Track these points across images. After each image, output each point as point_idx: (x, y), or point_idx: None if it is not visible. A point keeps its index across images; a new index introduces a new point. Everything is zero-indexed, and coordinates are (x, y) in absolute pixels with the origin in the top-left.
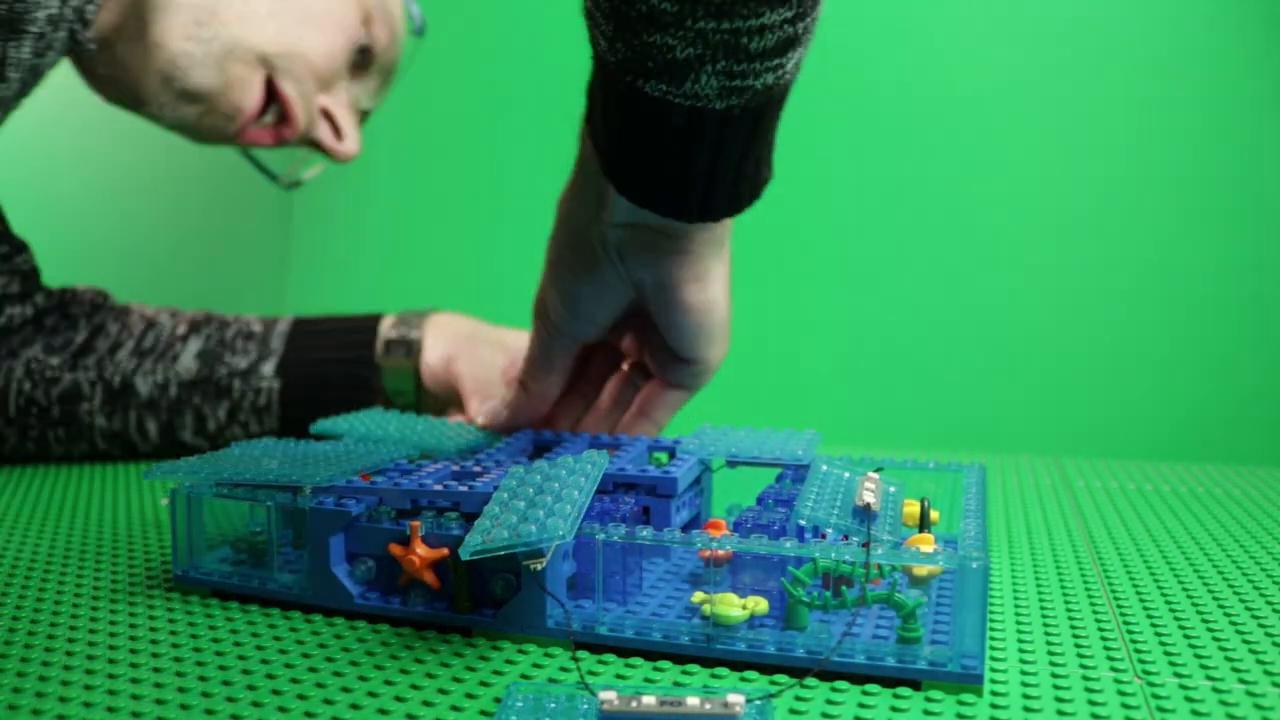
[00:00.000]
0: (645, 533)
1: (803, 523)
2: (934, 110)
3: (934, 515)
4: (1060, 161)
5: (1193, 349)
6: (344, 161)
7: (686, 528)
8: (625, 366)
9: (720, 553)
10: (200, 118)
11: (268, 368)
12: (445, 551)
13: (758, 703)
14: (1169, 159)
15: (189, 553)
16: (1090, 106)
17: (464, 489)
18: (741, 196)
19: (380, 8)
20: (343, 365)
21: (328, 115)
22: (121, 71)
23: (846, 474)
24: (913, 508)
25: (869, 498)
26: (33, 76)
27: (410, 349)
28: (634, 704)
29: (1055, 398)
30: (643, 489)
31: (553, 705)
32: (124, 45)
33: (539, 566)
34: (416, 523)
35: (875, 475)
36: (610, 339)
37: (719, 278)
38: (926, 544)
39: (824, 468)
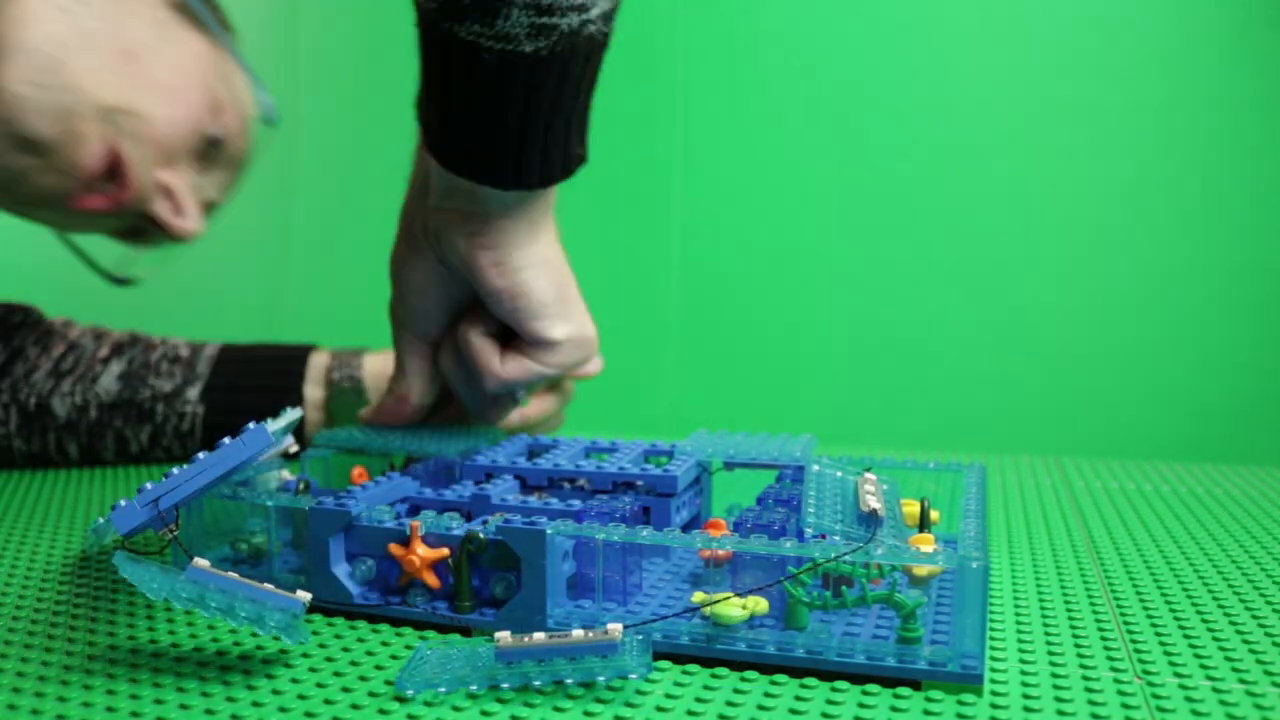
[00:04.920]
0: (645, 533)
1: (809, 530)
2: (934, 110)
3: (934, 515)
4: (1060, 162)
5: (1193, 349)
6: (184, 239)
7: (686, 528)
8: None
9: (720, 553)
10: (36, 174)
11: (193, 392)
12: (445, 551)
13: (639, 636)
14: (1169, 159)
15: (189, 553)
16: (1090, 107)
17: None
18: (553, 163)
19: (231, 97)
20: (269, 394)
21: (167, 192)
22: None
23: (839, 473)
24: (913, 508)
25: (874, 503)
26: None
27: (358, 389)
28: (525, 639)
29: (1055, 398)
30: (643, 489)
31: (455, 652)
32: None
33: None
34: (416, 523)
35: (872, 476)
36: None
37: (530, 262)
38: (926, 544)
39: (816, 468)
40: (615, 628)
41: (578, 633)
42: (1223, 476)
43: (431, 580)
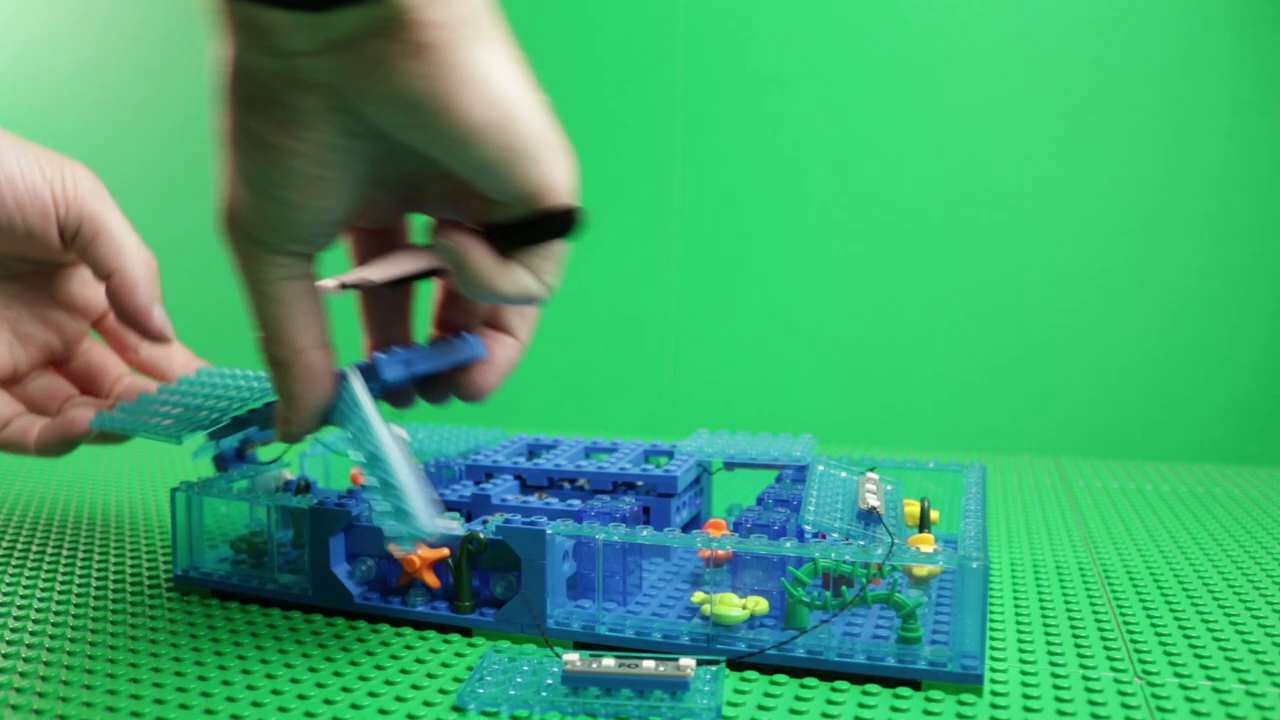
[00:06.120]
0: (645, 533)
1: (808, 528)
2: (934, 111)
3: (934, 515)
4: (1060, 162)
5: (1192, 349)
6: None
7: (686, 528)
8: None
9: (720, 553)
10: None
11: None
12: (445, 551)
13: (713, 669)
14: (1169, 159)
15: (189, 553)
16: (1089, 108)
17: None
18: None
19: None
20: None
21: None
22: None
23: (843, 474)
24: (913, 508)
25: (873, 501)
26: None
27: None
28: (594, 665)
29: (1055, 398)
30: (643, 489)
31: (525, 668)
32: None
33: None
34: None
35: (874, 476)
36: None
37: (502, 72)
38: (926, 544)
39: (820, 468)
40: (688, 663)
41: (648, 663)
42: (1223, 476)
43: (431, 580)
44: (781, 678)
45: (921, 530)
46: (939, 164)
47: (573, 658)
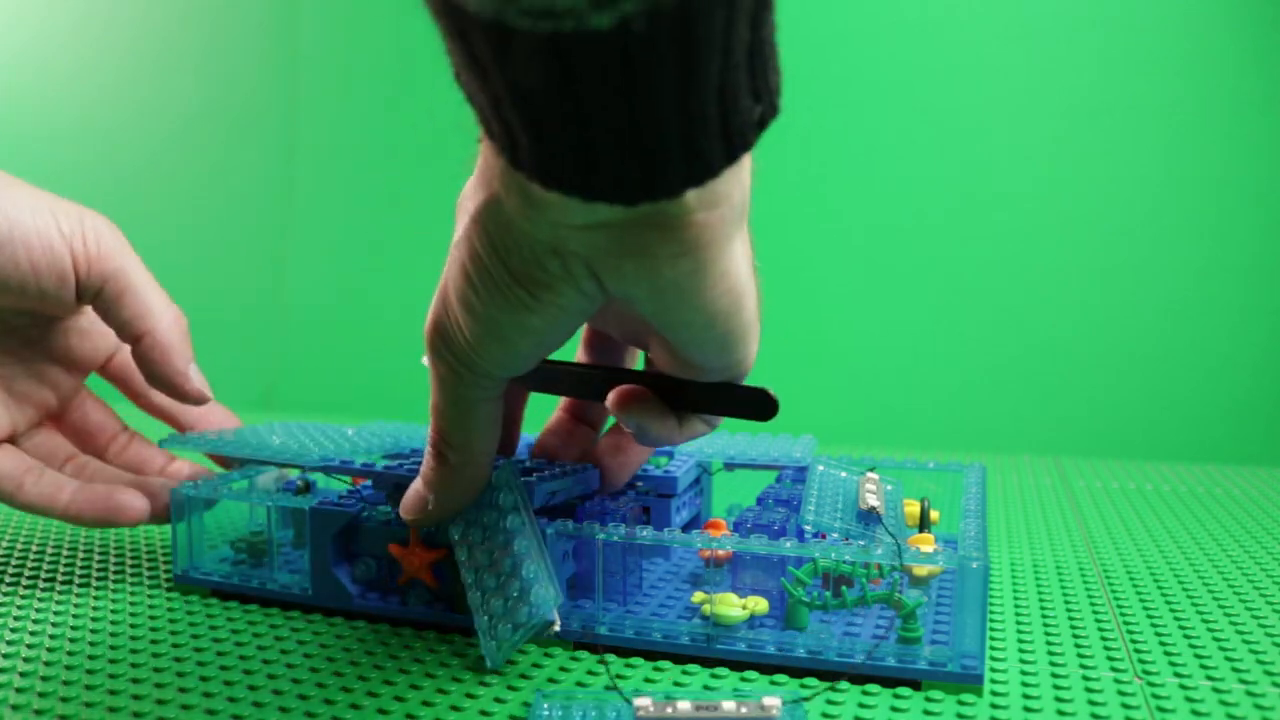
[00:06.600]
0: (645, 533)
1: (808, 528)
2: (934, 111)
3: (934, 515)
4: (1060, 162)
5: (1192, 349)
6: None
7: (686, 528)
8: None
9: (720, 553)
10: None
11: None
12: (445, 551)
13: (790, 704)
14: (1169, 160)
15: (189, 553)
16: (1090, 108)
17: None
18: (741, 120)
19: None
20: None
21: None
22: None
23: (844, 474)
24: (913, 508)
25: (873, 500)
26: None
27: None
28: (669, 709)
29: (1055, 398)
30: (643, 489)
31: (580, 715)
32: None
33: (556, 629)
34: None
35: (874, 475)
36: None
37: (743, 260)
38: (926, 544)
39: (820, 468)
40: (772, 702)
41: (728, 705)
42: (1223, 476)
43: (431, 580)
44: (781, 678)
45: (921, 530)
46: (939, 164)
47: (645, 703)
